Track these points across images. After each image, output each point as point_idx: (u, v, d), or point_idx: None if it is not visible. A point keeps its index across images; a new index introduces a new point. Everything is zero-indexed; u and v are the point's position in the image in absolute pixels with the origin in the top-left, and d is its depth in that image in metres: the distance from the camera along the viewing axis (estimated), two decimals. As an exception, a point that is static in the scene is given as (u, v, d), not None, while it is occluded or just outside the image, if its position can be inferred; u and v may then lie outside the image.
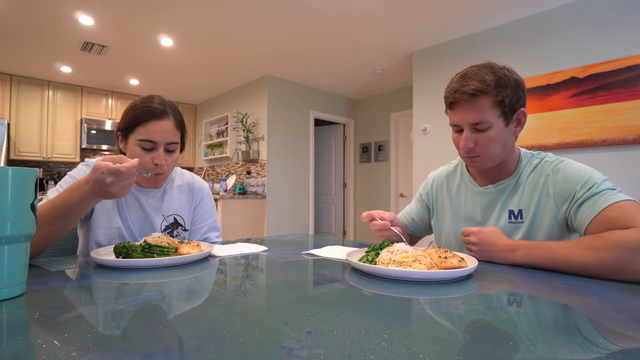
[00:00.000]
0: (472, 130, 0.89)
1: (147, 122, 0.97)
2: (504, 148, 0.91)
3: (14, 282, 0.51)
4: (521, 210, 0.92)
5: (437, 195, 1.12)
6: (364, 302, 0.52)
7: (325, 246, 1.03)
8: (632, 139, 2.57)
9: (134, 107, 1.00)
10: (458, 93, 0.87)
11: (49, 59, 4.21)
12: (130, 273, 0.69)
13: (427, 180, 1.20)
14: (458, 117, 0.90)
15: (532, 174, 0.93)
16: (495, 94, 0.85)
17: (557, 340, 0.38)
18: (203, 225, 1.20)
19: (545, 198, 0.89)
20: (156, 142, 0.98)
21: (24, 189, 0.51)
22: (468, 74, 0.88)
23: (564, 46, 2.90)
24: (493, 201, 0.97)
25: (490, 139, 0.88)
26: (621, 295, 0.56)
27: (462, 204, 1.04)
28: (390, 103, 5.38)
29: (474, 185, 1.02)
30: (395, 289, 0.58)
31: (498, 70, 0.87)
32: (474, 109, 0.87)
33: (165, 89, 5.47)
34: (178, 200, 1.15)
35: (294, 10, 3.09)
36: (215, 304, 0.51)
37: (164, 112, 0.99)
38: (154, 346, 0.35)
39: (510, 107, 0.87)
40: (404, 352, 0.34)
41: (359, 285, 0.61)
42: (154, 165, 0.99)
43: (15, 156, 4.69)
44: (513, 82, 0.87)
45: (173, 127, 1.01)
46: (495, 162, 0.93)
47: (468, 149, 0.90)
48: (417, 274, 0.63)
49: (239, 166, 5.19)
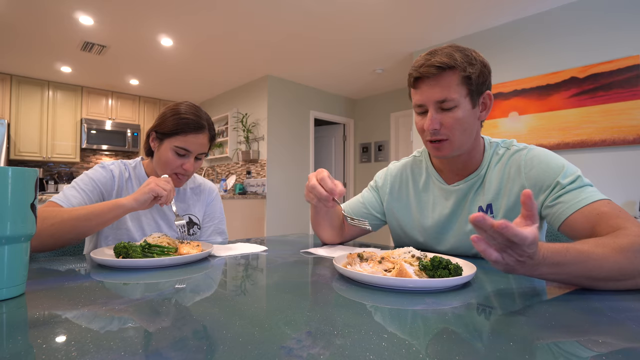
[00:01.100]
0: (438, 110, 0.83)
1: (188, 134, 1.05)
2: (470, 133, 0.86)
3: (14, 282, 0.51)
4: (490, 205, 0.88)
5: (402, 190, 1.04)
6: (364, 302, 0.52)
7: (324, 245, 1.03)
8: (632, 139, 2.57)
9: (178, 115, 1.05)
10: (423, 67, 0.82)
11: (49, 59, 4.21)
12: (130, 273, 0.69)
13: (387, 170, 1.10)
14: (423, 95, 0.84)
15: (499, 164, 0.89)
16: (462, 69, 0.81)
17: (556, 340, 0.38)
18: (210, 226, 1.26)
19: (518, 189, 0.84)
20: (191, 152, 1.07)
21: (24, 189, 0.51)
22: (435, 51, 0.85)
23: (564, 46, 2.91)
24: (463, 198, 0.92)
25: (456, 119, 0.82)
26: (621, 295, 0.56)
27: (430, 202, 0.98)
28: (390, 103, 5.38)
29: (441, 183, 0.96)
30: (393, 289, 0.58)
31: (465, 48, 0.85)
32: (439, 85, 0.81)
33: (165, 89, 5.47)
34: (191, 200, 1.22)
35: (294, 10, 3.09)
36: (215, 304, 0.51)
37: (204, 127, 1.08)
38: (153, 346, 0.35)
39: (477, 87, 0.83)
40: (404, 352, 0.34)
41: (359, 285, 0.61)
42: (182, 170, 1.08)
43: (15, 156, 4.69)
44: (479, 61, 0.83)
45: (207, 140, 1.11)
46: (461, 150, 0.87)
47: (433, 130, 0.84)
48: (398, 282, 0.57)
49: (239, 166, 5.19)
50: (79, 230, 0.87)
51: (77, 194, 0.99)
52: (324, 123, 5.93)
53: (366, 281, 0.60)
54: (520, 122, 3.10)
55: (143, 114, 5.77)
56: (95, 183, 1.04)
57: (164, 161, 1.07)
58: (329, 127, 5.96)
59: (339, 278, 0.66)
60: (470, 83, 0.82)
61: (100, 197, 1.05)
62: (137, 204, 0.89)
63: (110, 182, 1.07)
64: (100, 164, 1.10)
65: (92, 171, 1.07)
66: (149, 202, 0.91)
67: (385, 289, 0.58)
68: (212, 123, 1.13)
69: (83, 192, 1.00)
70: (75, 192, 0.99)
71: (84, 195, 1.00)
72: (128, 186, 1.11)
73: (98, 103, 5.34)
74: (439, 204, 0.96)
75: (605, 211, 0.69)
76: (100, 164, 1.10)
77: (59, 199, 0.96)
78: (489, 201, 0.88)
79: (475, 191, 0.91)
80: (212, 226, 1.26)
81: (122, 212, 0.90)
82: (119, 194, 1.08)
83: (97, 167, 1.08)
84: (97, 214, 0.87)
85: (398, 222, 1.05)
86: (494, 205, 0.88)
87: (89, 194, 1.01)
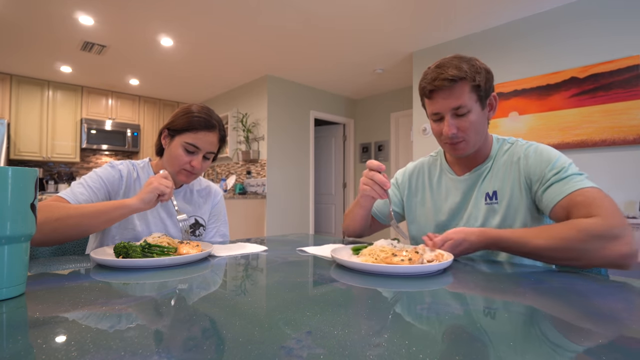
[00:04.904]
0: (453, 116, 0.93)
1: (198, 131, 1.08)
2: (482, 132, 0.96)
3: (14, 282, 0.51)
4: (495, 192, 0.96)
5: (418, 184, 1.14)
6: (364, 302, 0.52)
7: (324, 245, 1.03)
8: (632, 139, 2.57)
9: (190, 113, 1.09)
10: (437, 80, 0.91)
11: (49, 59, 4.21)
12: (130, 273, 0.69)
13: (406, 169, 1.20)
14: (438, 104, 0.94)
15: (504, 156, 0.98)
16: (471, 79, 0.90)
17: (557, 339, 0.38)
18: (212, 227, 1.27)
19: (517, 180, 0.93)
20: (200, 149, 1.09)
21: (24, 189, 0.51)
22: (443, 64, 0.93)
23: (564, 46, 2.91)
24: (471, 187, 1.01)
25: (470, 122, 0.92)
26: (621, 296, 0.56)
27: (442, 193, 1.07)
28: (390, 103, 5.38)
29: (451, 175, 1.06)
30: (393, 289, 0.58)
31: (469, 59, 0.94)
32: (453, 95, 0.91)
33: (165, 89, 5.47)
34: (198, 202, 1.24)
35: (294, 10, 3.09)
36: (215, 304, 0.51)
37: (215, 126, 1.11)
38: (153, 346, 0.35)
39: (484, 92, 0.92)
40: (404, 352, 0.34)
41: (359, 285, 0.61)
42: (190, 167, 1.09)
43: (15, 156, 4.69)
44: (483, 69, 0.93)
45: (217, 140, 1.13)
46: (475, 147, 0.97)
47: (452, 135, 0.93)
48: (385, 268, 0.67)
49: (239, 166, 5.19)
50: (84, 227, 0.88)
51: (85, 191, 0.99)
52: (324, 123, 5.93)
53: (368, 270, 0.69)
54: (521, 122, 3.10)
55: (143, 114, 5.77)
56: (103, 181, 1.04)
57: (173, 157, 1.08)
58: (329, 127, 5.96)
59: (339, 278, 0.66)
60: (479, 90, 0.91)
61: (107, 196, 1.05)
62: (142, 204, 0.90)
63: (118, 181, 1.08)
64: (110, 163, 1.11)
65: (101, 169, 1.08)
66: (154, 201, 0.92)
67: (385, 289, 0.58)
68: (222, 124, 1.15)
69: (90, 190, 1.01)
70: (82, 189, 0.99)
71: (90, 193, 1.00)
72: (136, 186, 1.11)
73: (98, 103, 5.34)
74: (451, 194, 1.04)
75: (578, 201, 0.78)
76: (110, 163, 1.11)
77: (66, 195, 0.96)
78: (495, 188, 0.97)
79: (482, 180, 1.00)
80: (214, 228, 1.27)
81: (128, 212, 0.91)
82: (126, 194, 1.09)
83: (106, 166, 1.09)
84: (103, 212, 0.88)
85: (415, 216, 1.13)
86: (499, 192, 0.96)
87: (96, 192, 1.02)
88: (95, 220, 0.88)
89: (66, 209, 0.86)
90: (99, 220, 0.88)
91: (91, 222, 0.87)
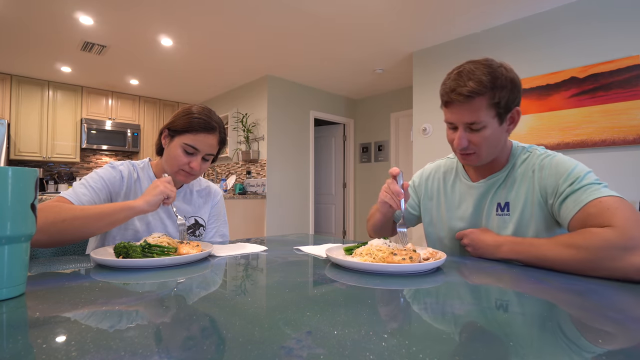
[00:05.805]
0: (467, 129, 0.90)
1: (197, 132, 1.07)
2: (497, 146, 0.92)
3: (14, 282, 0.51)
4: (508, 203, 0.93)
5: (433, 188, 1.12)
6: (364, 302, 0.52)
7: (323, 244, 1.03)
8: (632, 139, 2.57)
9: (190, 114, 1.08)
10: (454, 93, 0.86)
11: (49, 59, 4.21)
12: (130, 273, 0.69)
13: (423, 171, 1.19)
14: (453, 116, 0.91)
15: (521, 167, 0.94)
16: (491, 96, 0.84)
17: (557, 340, 0.38)
18: (212, 228, 1.27)
19: (531, 192, 0.90)
20: (199, 150, 1.09)
21: (24, 189, 0.51)
22: (464, 72, 0.86)
23: (564, 46, 2.90)
24: (484, 194, 0.98)
25: (484, 138, 0.89)
26: (621, 295, 0.56)
27: (456, 200, 1.05)
28: (390, 103, 5.38)
29: (467, 180, 1.03)
30: (393, 289, 0.58)
31: (495, 69, 0.85)
32: (469, 110, 0.86)
33: (165, 89, 5.47)
34: (198, 203, 1.24)
35: (294, 10, 3.09)
36: (215, 304, 0.51)
37: (214, 128, 1.10)
38: (153, 346, 0.35)
39: (505, 107, 0.87)
40: (404, 352, 0.34)
41: (359, 285, 0.61)
42: (188, 168, 1.09)
43: (15, 156, 4.69)
44: (509, 82, 0.85)
45: (216, 142, 1.12)
46: (488, 159, 0.94)
47: (462, 148, 0.91)
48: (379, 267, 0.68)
49: (239, 166, 5.19)
50: (89, 229, 0.88)
51: (87, 192, 0.99)
52: (324, 123, 5.93)
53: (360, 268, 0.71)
54: (520, 122, 3.09)
55: (143, 114, 5.77)
56: (104, 182, 1.04)
57: (172, 157, 1.08)
58: (329, 127, 5.96)
59: (339, 278, 0.66)
60: (499, 106, 0.86)
61: (109, 197, 1.05)
62: (148, 207, 0.90)
63: (119, 182, 1.08)
64: (110, 164, 1.11)
65: (102, 170, 1.08)
66: (159, 203, 0.93)
67: (385, 288, 0.58)
68: (223, 126, 1.14)
69: (92, 191, 1.00)
70: (85, 190, 0.99)
71: (93, 194, 1.00)
72: (137, 187, 1.11)
73: (98, 103, 5.34)
74: (464, 201, 1.02)
75: (591, 212, 0.75)
76: (110, 163, 1.11)
77: (69, 195, 0.95)
78: (508, 200, 0.94)
79: (496, 189, 0.97)
80: (214, 228, 1.27)
81: (133, 214, 0.91)
82: (127, 195, 1.09)
83: (107, 167, 1.09)
84: (109, 214, 0.88)
85: (431, 218, 1.12)
86: (511, 204, 0.93)
87: (98, 192, 1.02)
88: (100, 222, 0.87)
89: (72, 211, 0.86)
90: (105, 222, 0.88)
91: (97, 223, 0.87)
